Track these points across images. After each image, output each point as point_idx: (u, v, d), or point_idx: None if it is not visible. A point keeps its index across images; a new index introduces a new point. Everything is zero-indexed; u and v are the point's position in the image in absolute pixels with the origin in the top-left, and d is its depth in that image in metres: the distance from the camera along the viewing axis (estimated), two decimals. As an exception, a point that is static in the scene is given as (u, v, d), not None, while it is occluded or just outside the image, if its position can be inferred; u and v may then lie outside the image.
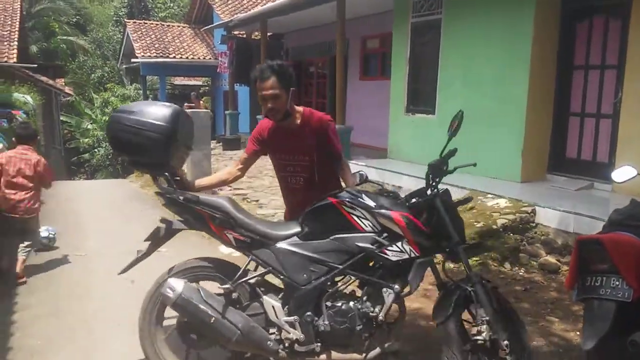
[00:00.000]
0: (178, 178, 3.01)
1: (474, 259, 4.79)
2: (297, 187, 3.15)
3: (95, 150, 22.08)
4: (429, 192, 2.77)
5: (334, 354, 2.80)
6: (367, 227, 2.72)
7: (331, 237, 2.78)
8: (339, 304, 2.77)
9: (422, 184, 2.88)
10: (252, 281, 2.91)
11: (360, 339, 2.74)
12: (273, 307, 2.82)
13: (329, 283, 2.79)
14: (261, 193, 8.18)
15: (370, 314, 2.70)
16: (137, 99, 23.80)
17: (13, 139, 5.76)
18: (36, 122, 11.06)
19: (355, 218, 2.73)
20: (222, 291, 2.85)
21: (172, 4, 33.79)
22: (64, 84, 26.68)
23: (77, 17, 33.30)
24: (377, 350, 2.75)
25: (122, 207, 8.71)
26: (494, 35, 6.84)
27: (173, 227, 2.98)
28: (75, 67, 30.11)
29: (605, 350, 2.31)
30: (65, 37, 29.27)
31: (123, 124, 2.88)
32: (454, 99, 7.55)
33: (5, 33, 16.21)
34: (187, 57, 19.73)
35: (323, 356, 2.80)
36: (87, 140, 22.51)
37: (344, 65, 9.70)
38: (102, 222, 7.61)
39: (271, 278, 2.93)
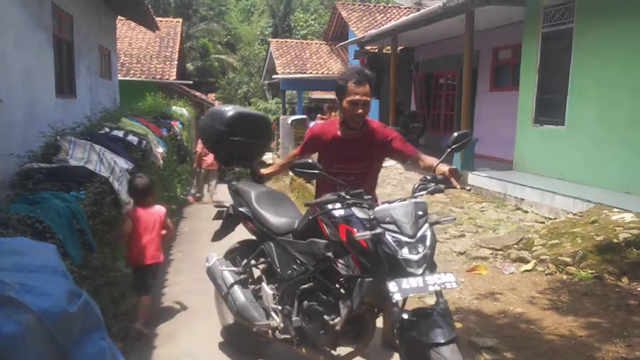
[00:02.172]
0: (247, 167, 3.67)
1: (589, 271, 4.69)
2: None
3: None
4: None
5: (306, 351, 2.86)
6: (331, 235, 2.60)
7: (309, 240, 2.77)
8: (308, 305, 2.75)
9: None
10: (260, 267, 3.29)
11: (325, 342, 2.72)
12: (266, 293, 3.11)
13: (309, 282, 2.80)
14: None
15: (330, 322, 2.62)
16: (277, 112, 25.56)
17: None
18: (190, 132, 12.55)
19: (324, 224, 2.63)
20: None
21: (313, 22, 35.67)
22: (214, 98, 29.50)
23: (228, 37, 36.64)
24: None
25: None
26: (633, 42, 6.52)
27: (228, 212, 3.58)
28: (224, 83, 33.18)
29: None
30: (217, 56, 32.40)
31: (200, 127, 3.72)
32: (585, 109, 7.29)
33: (167, 54, 18.51)
34: (322, 73, 20.75)
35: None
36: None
37: (471, 78, 9.72)
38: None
39: None
